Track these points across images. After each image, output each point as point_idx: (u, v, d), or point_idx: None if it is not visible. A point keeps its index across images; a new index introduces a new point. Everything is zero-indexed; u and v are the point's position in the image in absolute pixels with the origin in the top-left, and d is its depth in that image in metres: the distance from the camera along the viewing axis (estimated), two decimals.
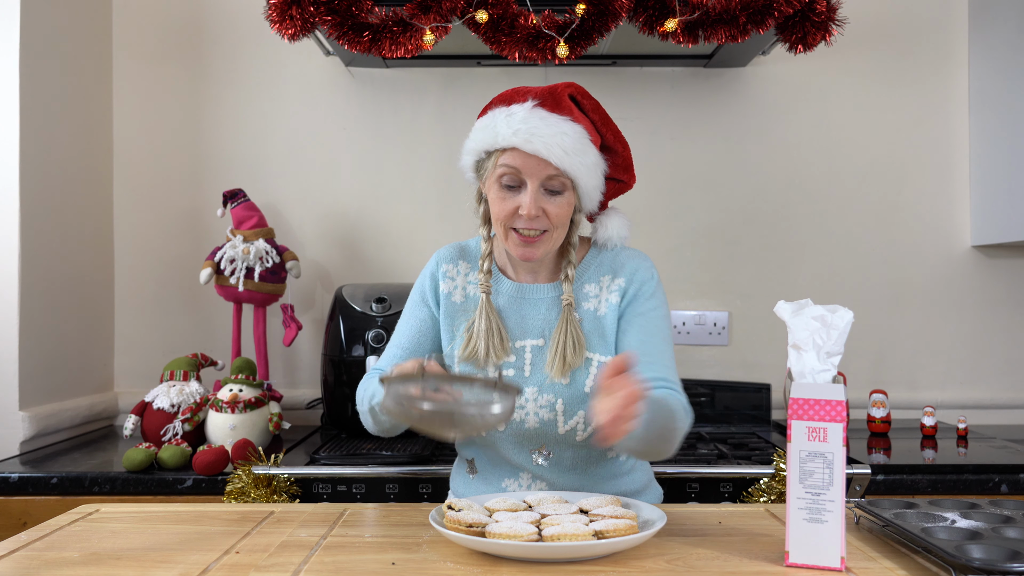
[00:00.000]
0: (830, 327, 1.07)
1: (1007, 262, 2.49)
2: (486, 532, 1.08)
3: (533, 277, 1.47)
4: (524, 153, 1.32)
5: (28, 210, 2.07)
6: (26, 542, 1.18)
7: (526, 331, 1.43)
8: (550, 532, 1.06)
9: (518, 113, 1.33)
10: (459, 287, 1.47)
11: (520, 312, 1.44)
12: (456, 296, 1.47)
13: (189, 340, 2.47)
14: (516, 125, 1.32)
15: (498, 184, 1.36)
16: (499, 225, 1.39)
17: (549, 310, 1.43)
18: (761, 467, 1.81)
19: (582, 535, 1.05)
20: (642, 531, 1.09)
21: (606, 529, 1.07)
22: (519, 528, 1.07)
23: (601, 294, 1.44)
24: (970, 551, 1.01)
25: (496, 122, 1.35)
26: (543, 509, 1.19)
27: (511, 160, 1.34)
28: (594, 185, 1.39)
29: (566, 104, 1.36)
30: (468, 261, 1.50)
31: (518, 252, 1.38)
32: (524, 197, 1.34)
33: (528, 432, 1.39)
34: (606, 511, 1.15)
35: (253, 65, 2.49)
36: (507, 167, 1.34)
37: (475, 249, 1.52)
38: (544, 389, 1.39)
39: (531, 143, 1.31)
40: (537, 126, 1.32)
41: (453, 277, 1.48)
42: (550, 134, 1.31)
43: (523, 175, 1.34)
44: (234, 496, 1.75)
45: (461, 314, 1.45)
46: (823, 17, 1.96)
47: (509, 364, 1.41)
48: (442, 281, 1.48)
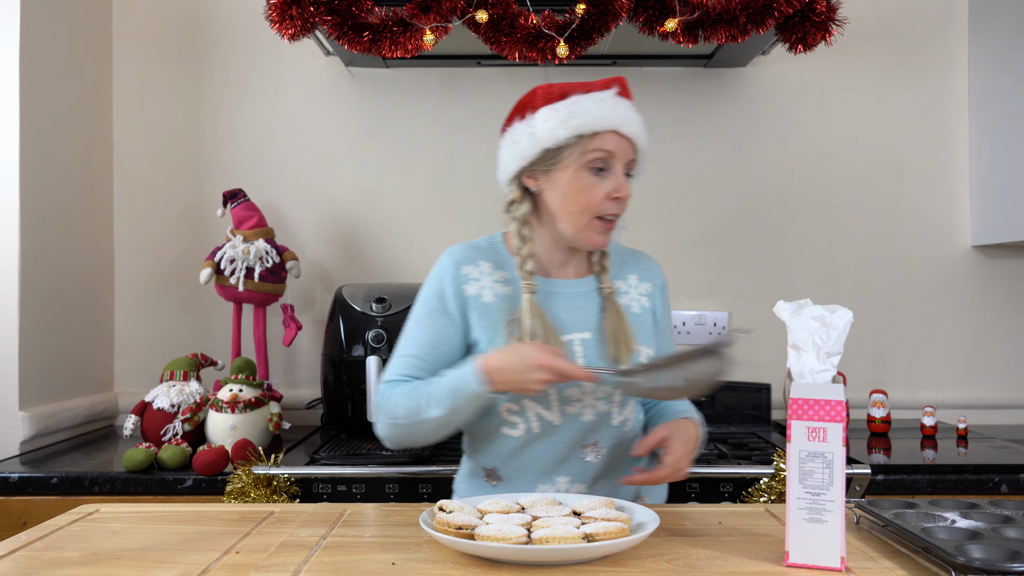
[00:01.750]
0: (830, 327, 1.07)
1: (1007, 262, 2.49)
2: (475, 534, 1.08)
3: (565, 272, 1.46)
4: (617, 136, 1.35)
5: (28, 210, 2.07)
6: (26, 542, 1.18)
7: (571, 325, 1.41)
8: (540, 535, 1.06)
9: (607, 98, 1.36)
10: (486, 287, 1.42)
11: (560, 307, 1.42)
12: (486, 296, 1.41)
13: (189, 340, 2.47)
14: (611, 109, 1.35)
15: (587, 170, 1.36)
16: (582, 214, 1.37)
17: (588, 303, 1.44)
18: (761, 467, 1.81)
19: (572, 538, 1.05)
20: (634, 534, 1.09)
21: (597, 532, 1.07)
22: (508, 531, 1.06)
23: (631, 292, 1.48)
24: (970, 551, 1.01)
25: (587, 108, 1.35)
26: (535, 511, 1.19)
27: (604, 143, 1.35)
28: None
29: (630, 93, 1.41)
30: (488, 260, 1.45)
31: (598, 240, 1.39)
32: (612, 181, 1.36)
33: (584, 426, 1.39)
34: (598, 513, 1.14)
35: (253, 65, 2.49)
36: (602, 151, 1.35)
37: (489, 248, 1.47)
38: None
39: (628, 125, 1.36)
40: (626, 111, 1.37)
41: (477, 278, 1.42)
42: (636, 119, 1.38)
43: (615, 158, 1.36)
44: (234, 496, 1.75)
45: (496, 314, 1.40)
46: (823, 17, 1.96)
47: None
48: (466, 284, 1.42)
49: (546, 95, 1.39)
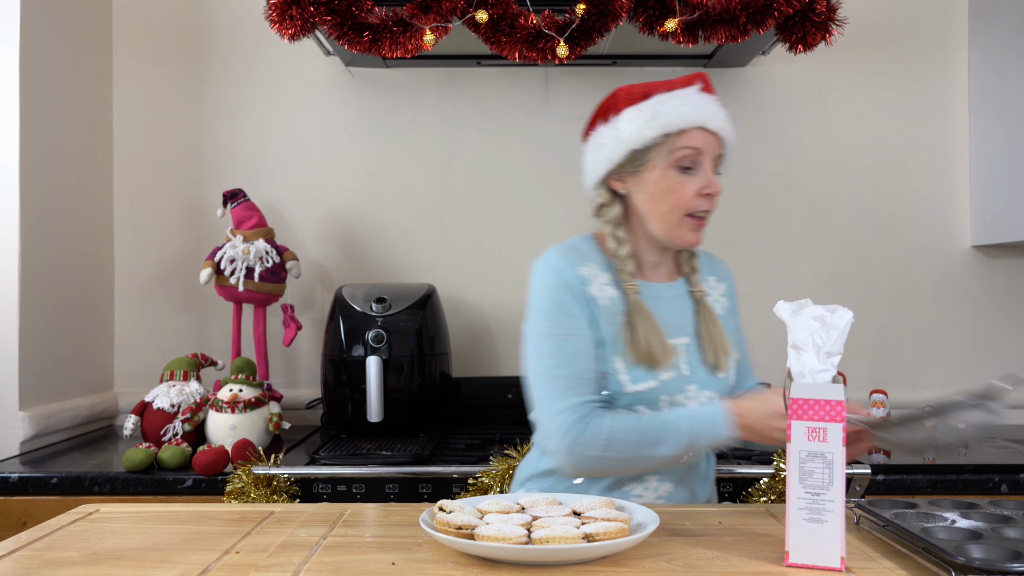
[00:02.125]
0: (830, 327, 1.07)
1: (1007, 262, 2.49)
2: (475, 535, 1.08)
3: (658, 275, 1.45)
4: (705, 132, 1.35)
5: (28, 210, 2.07)
6: (26, 542, 1.18)
7: (672, 330, 1.40)
8: (539, 535, 1.06)
9: (692, 95, 1.36)
10: (600, 289, 1.39)
11: (662, 311, 1.40)
12: (603, 300, 1.38)
13: (189, 340, 2.47)
14: (696, 106, 1.35)
15: (675, 168, 1.35)
16: (672, 213, 1.36)
17: (683, 307, 1.44)
18: (761, 467, 1.81)
19: (572, 538, 1.05)
20: (634, 534, 1.09)
21: (596, 532, 1.07)
22: (508, 531, 1.06)
23: (712, 293, 1.49)
24: (970, 551, 1.01)
25: (672, 106, 1.34)
26: (535, 511, 1.19)
27: (691, 140, 1.34)
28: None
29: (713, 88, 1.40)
30: (592, 261, 1.41)
31: (690, 238, 1.38)
32: (702, 178, 1.36)
33: None
34: (598, 513, 1.14)
35: (253, 65, 2.49)
36: (689, 148, 1.35)
37: (588, 249, 1.42)
38: (704, 385, 1.39)
39: (714, 120, 1.35)
40: (710, 106, 1.36)
41: (592, 280, 1.38)
42: (722, 114, 1.37)
43: (703, 155, 1.36)
44: (234, 496, 1.75)
45: (609, 317, 1.37)
46: (823, 17, 1.96)
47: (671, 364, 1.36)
48: (588, 285, 1.37)
49: (628, 96, 1.38)
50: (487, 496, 1.28)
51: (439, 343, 2.21)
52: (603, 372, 1.36)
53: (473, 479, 1.80)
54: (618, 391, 1.36)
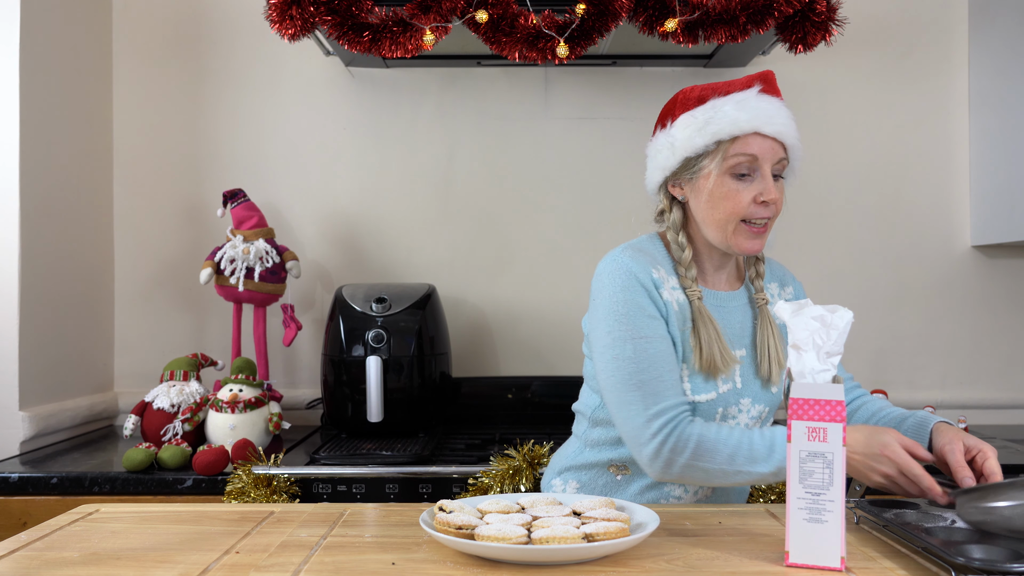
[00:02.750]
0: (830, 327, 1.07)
1: (1007, 262, 2.49)
2: (475, 535, 1.08)
3: (721, 283, 1.42)
4: (761, 137, 1.30)
5: (28, 210, 2.07)
6: (26, 542, 1.18)
7: (732, 341, 1.38)
8: (539, 535, 1.06)
9: (749, 99, 1.31)
10: (671, 293, 1.36)
11: (725, 321, 1.38)
12: (674, 303, 1.35)
13: (189, 340, 2.47)
14: (752, 110, 1.30)
15: (730, 175, 1.32)
16: (729, 220, 1.32)
17: (743, 317, 1.41)
18: None
19: (571, 538, 1.05)
20: (634, 534, 1.09)
21: (596, 532, 1.07)
22: (508, 531, 1.06)
23: (775, 300, 1.46)
24: (970, 551, 1.01)
25: (725, 112, 1.31)
26: (535, 511, 1.19)
27: (746, 147, 1.30)
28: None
29: (778, 88, 1.37)
30: (660, 264, 1.38)
31: (748, 245, 1.33)
32: (758, 185, 1.31)
33: None
34: (598, 513, 1.14)
35: (253, 65, 2.49)
36: (744, 155, 1.30)
37: (653, 250, 1.39)
38: (757, 399, 1.37)
39: (772, 125, 1.30)
40: (768, 109, 1.31)
41: (663, 282, 1.36)
42: (782, 117, 1.32)
43: (760, 161, 1.31)
44: (234, 496, 1.75)
45: (679, 322, 1.34)
46: (823, 17, 1.96)
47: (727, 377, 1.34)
48: (661, 288, 1.34)
49: (684, 101, 1.36)
50: (487, 496, 1.28)
51: (439, 343, 2.21)
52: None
53: (473, 479, 1.80)
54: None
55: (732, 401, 1.36)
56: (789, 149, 1.35)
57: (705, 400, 1.34)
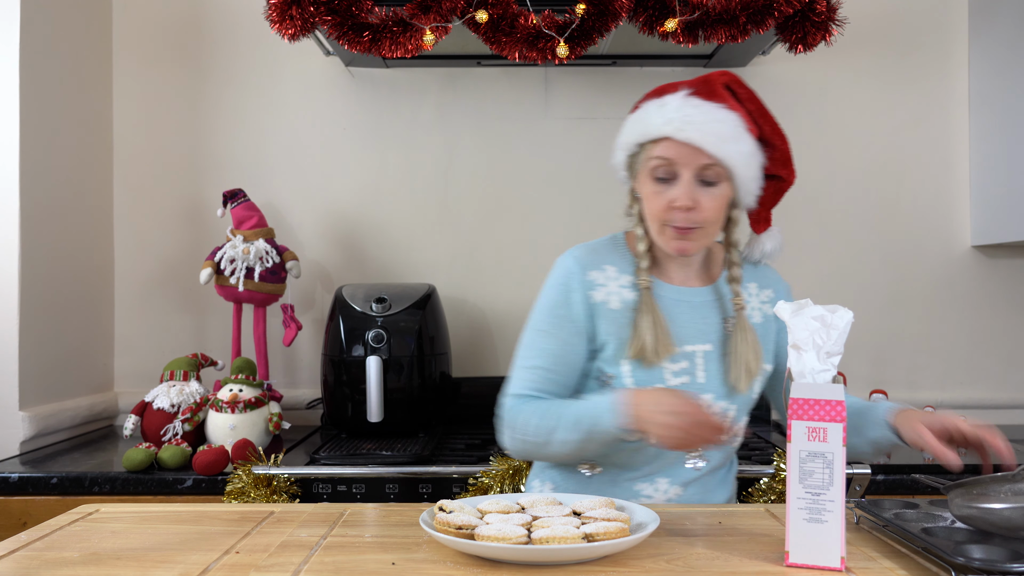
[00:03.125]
0: (830, 327, 1.07)
1: (1007, 262, 2.49)
2: (475, 535, 1.08)
3: (685, 278, 1.42)
4: (677, 143, 1.30)
5: (28, 210, 2.07)
6: (26, 542, 1.18)
7: (694, 335, 1.38)
8: (539, 535, 1.06)
9: (671, 103, 1.31)
10: (613, 292, 1.38)
11: (684, 315, 1.39)
12: (613, 303, 1.37)
13: (189, 340, 2.47)
14: (669, 114, 1.30)
15: (651, 178, 1.33)
16: (654, 221, 1.34)
17: (711, 313, 1.40)
18: (761, 467, 1.81)
19: (571, 538, 1.05)
20: (634, 534, 1.09)
21: (596, 532, 1.07)
22: (508, 531, 1.06)
23: (752, 301, 1.44)
24: (970, 551, 1.01)
25: (648, 114, 1.33)
26: (535, 511, 1.19)
27: (664, 151, 1.31)
28: (751, 176, 1.35)
29: (721, 92, 1.34)
30: (612, 263, 1.40)
31: (673, 246, 1.34)
32: (677, 189, 1.31)
33: None
34: (598, 513, 1.14)
35: (253, 65, 2.49)
36: (660, 158, 1.31)
37: (612, 249, 1.43)
38: (721, 396, 1.37)
39: (684, 131, 1.29)
40: (690, 114, 1.29)
41: (604, 284, 1.38)
42: (704, 121, 1.29)
43: (677, 166, 1.31)
44: (234, 496, 1.75)
45: (622, 319, 1.37)
46: (823, 17, 1.96)
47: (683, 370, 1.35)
48: (593, 290, 1.38)
49: (646, 97, 1.38)
50: (487, 496, 1.28)
51: (439, 343, 2.21)
52: (610, 375, 1.37)
53: (473, 479, 1.80)
54: None
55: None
56: (719, 158, 1.30)
57: None
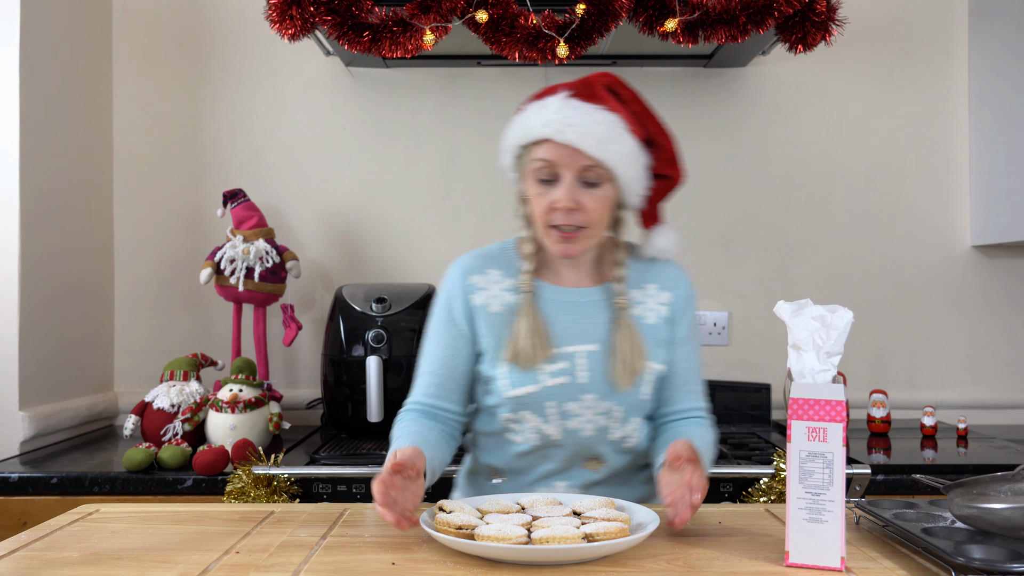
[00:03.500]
0: (830, 327, 1.07)
1: (1007, 262, 2.49)
2: (475, 535, 1.08)
3: (575, 279, 1.42)
4: (557, 144, 1.30)
5: (28, 210, 2.07)
6: (26, 542, 1.18)
7: (577, 336, 1.37)
8: (540, 535, 1.06)
9: (551, 104, 1.32)
10: (495, 296, 1.39)
11: (568, 316, 1.38)
12: (494, 306, 1.39)
13: (189, 340, 2.47)
14: (548, 116, 1.30)
15: (534, 179, 1.34)
16: (539, 223, 1.35)
17: (599, 313, 1.39)
18: (761, 467, 1.81)
19: (571, 538, 1.05)
20: (634, 534, 1.09)
21: (596, 532, 1.07)
22: (508, 531, 1.06)
23: (648, 302, 1.42)
24: (970, 551, 1.01)
25: (529, 116, 1.33)
26: (535, 511, 1.19)
27: (544, 153, 1.31)
28: (634, 176, 1.35)
29: (600, 94, 1.34)
30: (497, 267, 1.42)
31: (558, 249, 1.34)
32: (559, 190, 1.31)
33: (585, 440, 1.37)
34: (598, 513, 1.14)
35: (253, 65, 2.49)
36: (541, 160, 1.31)
37: (500, 254, 1.44)
38: (603, 396, 1.36)
39: (563, 133, 1.29)
40: (570, 116, 1.30)
41: (485, 287, 1.40)
42: (583, 123, 1.29)
43: (558, 167, 1.31)
44: (234, 496, 1.75)
45: (504, 322, 1.38)
46: (823, 17, 1.96)
47: (561, 371, 1.35)
48: (472, 294, 1.40)
49: (530, 99, 1.38)
50: (487, 496, 1.29)
51: None
52: (489, 377, 1.38)
53: None
54: (500, 396, 1.36)
55: (570, 396, 1.35)
56: (599, 159, 1.29)
57: (525, 394, 1.34)
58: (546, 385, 1.34)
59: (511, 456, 1.41)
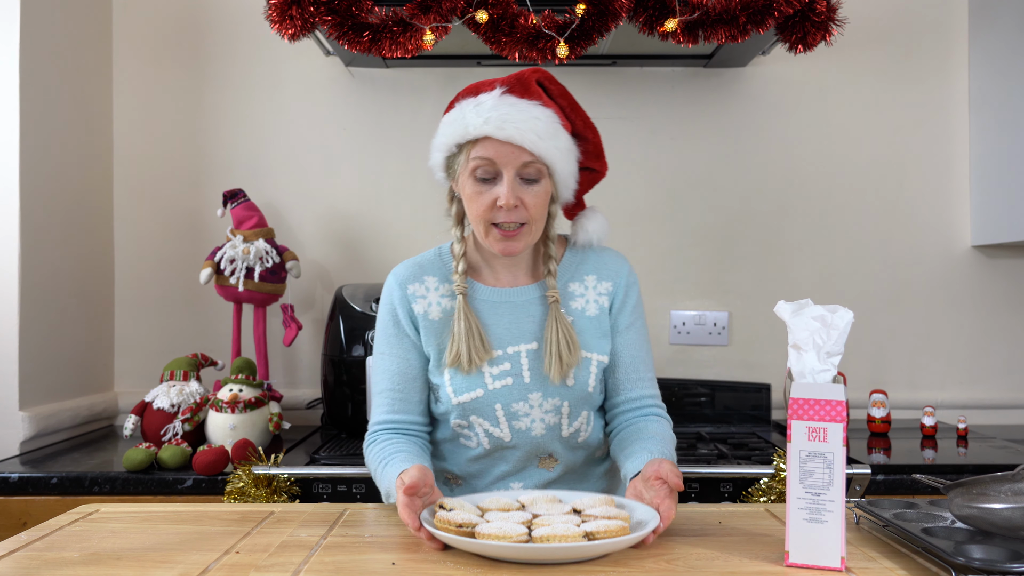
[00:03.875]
0: (830, 327, 1.07)
1: (1007, 262, 2.49)
2: (476, 533, 1.07)
3: (513, 279, 1.41)
4: (497, 142, 1.28)
5: (28, 210, 2.07)
6: (26, 542, 1.18)
7: (518, 335, 1.37)
8: (540, 533, 1.06)
9: (487, 101, 1.29)
10: (433, 303, 1.39)
11: (508, 316, 1.38)
12: (433, 313, 1.39)
13: (189, 340, 2.47)
14: (486, 113, 1.28)
15: (472, 178, 1.31)
16: (478, 222, 1.33)
17: (536, 311, 1.39)
18: (761, 467, 1.81)
19: (573, 536, 1.04)
20: (635, 532, 1.09)
21: (597, 530, 1.06)
22: (509, 528, 1.06)
23: (588, 294, 1.42)
24: (970, 551, 1.01)
25: (464, 114, 1.30)
26: (536, 509, 1.19)
27: (484, 151, 1.29)
28: (569, 171, 1.35)
29: (534, 89, 1.33)
30: (433, 274, 1.41)
31: (499, 247, 1.33)
32: (500, 188, 1.29)
33: (536, 440, 1.37)
34: (599, 511, 1.14)
35: (253, 65, 2.49)
36: (480, 159, 1.29)
37: (435, 260, 1.43)
38: (549, 393, 1.36)
39: (503, 130, 1.27)
40: (508, 112, 1.28)
41: (423, 295, 1.39)
42: (522, 119, 1.28)
43: (498, 165, 1.29)
44: (234, 496, 1.75)
45: (444, 328, 1.38)
46: (823, 17, 1.96)
47: (504, 372, 1.35)
48: (413, 303, 1.39)
49: (459, 95, 1.35)
50: (487, 493, 1.29)
51: None
52: (436, 384, 1.38)
53: None
54: (448, 403, 1.36)
55: (516, 397, 1.35)
56: (539, 155, 1.29)
57: (471, 399, 1.34)
58: (491, 388, 1.34)
59: (465, 461, 1.42)
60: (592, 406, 1.41)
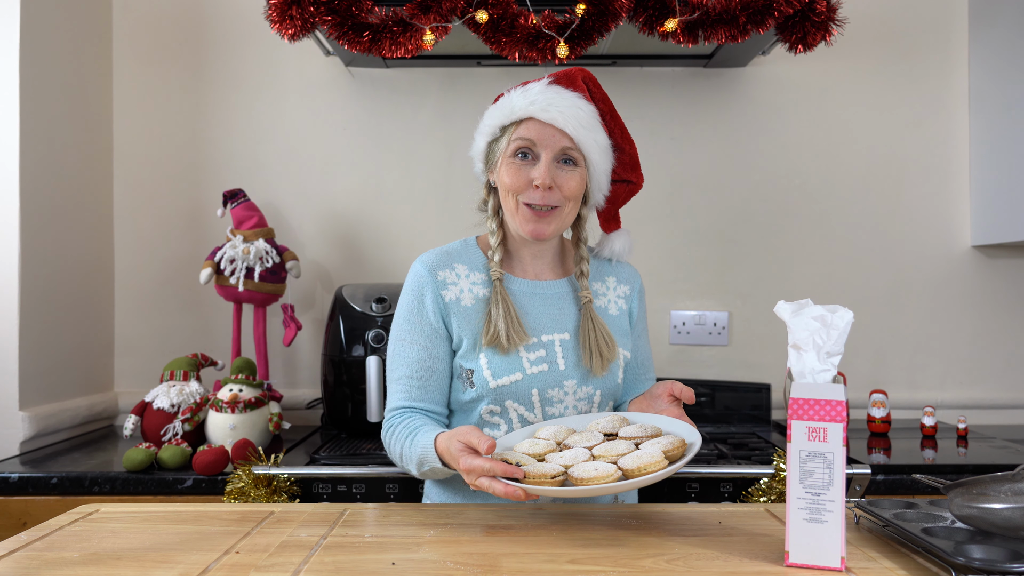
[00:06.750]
0: (830, 327, 1.07)
1: (1007, 262, 2.49)
2: (569, 476, 1.14)
3: (539, 273, 1.47)
4: (540, 123, 1.35)
5: (28, 210, 2.07)
6: (26, 542, 1.18)
7: (551, 325, 1.42)
8: (627, 464, 1.14)
9: (534, 88, 1.37)
10: (465, 290, 1.42)
11: (540, 306, 1.43)
12: (466, 299, 1.41)
13: (189, 340, 2.47)
14: (532, 96, 1.35)
15: (513, 157, 1.37)
16: (510, 198, 1.38)
17: (566, 305, 1.45)
18: (761, 467, 1.81)
19: (659, 463, 1.13)
20: (670, 441, 1.19)
21: (666, 449, 1.16)
22: (602, 468, 1.13)
23: (609, 294, 1.49)
24: (970, 551, 1.01)
25: (511, 99, 1.38)
26: (573, 442, 1.24)
27: (526, 132, 1.36)
28: (603, 171, 1.41)
29: (580, 85, 1.40)
30: (463, 262, 1.45)
31: (529, 228, 1.37)
32: (538, 169, 1.35)
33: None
34: (633, 431, 1.23)
35: (253, 65, 2.49)
36: (522, 139, 1.36)
37: (463, 250, 1.47)
38: (583, 382, 1.41)
39: (547, 112, 1.34)
40: (553, 98, 1.35)
41: (455, 282, 1.42)
42: (566, 105, 1.35)
43: (538, 147, 1.36)
44: (234, 496, 1.75)
45: (477, 314, 1.41)
46: (823, 17, 1.96)
47: (540, 359, 1.39)
48: (444, 289, 1.42)
49: (496, 98, 1.42)
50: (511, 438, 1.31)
51: None
52: (470, 369, 1.40)
53: None
54: (484, 387, 1.38)
55: (552, 383, 1.39)
56: (578, 142, 1.36)
57: (510, 383, 1.38)
58: (529, 373, 1.38)
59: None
60: (616, 398, 1.47)
